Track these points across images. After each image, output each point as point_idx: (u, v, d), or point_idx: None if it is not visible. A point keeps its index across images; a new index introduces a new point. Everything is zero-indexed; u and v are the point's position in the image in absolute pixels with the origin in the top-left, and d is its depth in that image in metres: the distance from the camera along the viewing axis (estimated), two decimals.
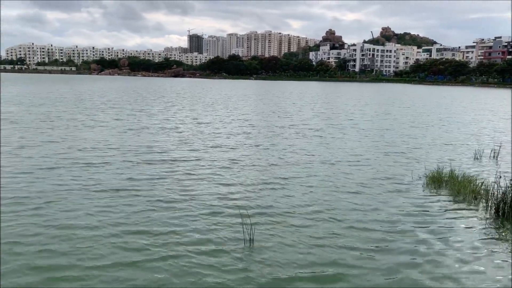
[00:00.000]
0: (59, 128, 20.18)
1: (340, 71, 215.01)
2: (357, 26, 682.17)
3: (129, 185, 10.45)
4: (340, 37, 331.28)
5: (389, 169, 13.22)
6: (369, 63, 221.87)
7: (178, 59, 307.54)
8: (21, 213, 8.29)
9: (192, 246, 7.08)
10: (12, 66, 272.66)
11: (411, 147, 17.66)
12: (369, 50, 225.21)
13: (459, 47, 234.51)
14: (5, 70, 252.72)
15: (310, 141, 18.29)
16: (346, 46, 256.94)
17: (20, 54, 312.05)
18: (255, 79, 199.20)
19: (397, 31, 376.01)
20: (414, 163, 14.19)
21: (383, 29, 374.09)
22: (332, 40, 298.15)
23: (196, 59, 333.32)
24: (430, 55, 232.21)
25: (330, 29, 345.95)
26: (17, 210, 8.48)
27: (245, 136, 19.25)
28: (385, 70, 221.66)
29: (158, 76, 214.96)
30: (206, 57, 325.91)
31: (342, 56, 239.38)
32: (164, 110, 31.47)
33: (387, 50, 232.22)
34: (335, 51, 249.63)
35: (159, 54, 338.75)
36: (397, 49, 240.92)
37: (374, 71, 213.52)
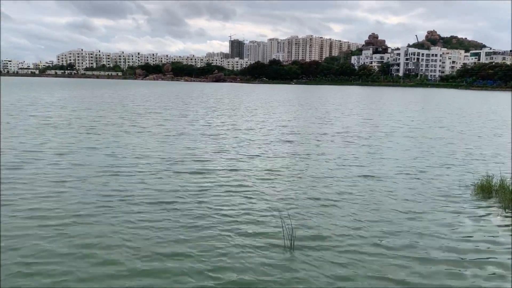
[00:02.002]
0: (99, 133, 20.30)
1: (383, 75, 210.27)
2: (401, 30, 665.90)
3: (165, 196, 10.03)
4: (383, 41, 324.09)
5: (437, 178, 12.55)
6: (413, 67, 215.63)
7: (220, 64, 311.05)
8: (48, 226, 7.99)
9: (231, 258, 6.80)
10: (62, 71, 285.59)
11: (460, 155, 16.69)
12: (414, 54, 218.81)
13: (511, 51, 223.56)
14: (56, 75, 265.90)
15: (356, 150, 17.38)
16: (389, 50, 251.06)
17: (70, 60, 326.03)
18: (296, 83, 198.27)
19: (443, 35, 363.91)
20: (463, 171, 13.59)
21: (429, 32, 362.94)
22: (375, 44, 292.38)
23: (237, 64, 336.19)
24: (479, 59, 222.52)
25: (373, 33, 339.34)
26: (46, 221, 8.20)
27: (286, 145, 18.60)
28: (430, 75, 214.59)
29: (200, 81, 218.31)
30: (247, 62, 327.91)
31: (385, 60, 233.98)
32: (205, 116, 31.38)
33: (432, 54, 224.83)
34: (378, 55, 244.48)
35: (201, 60, 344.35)
36: (443, 53, 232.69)
37: (419, 76, 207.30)
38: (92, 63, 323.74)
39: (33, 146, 16.29)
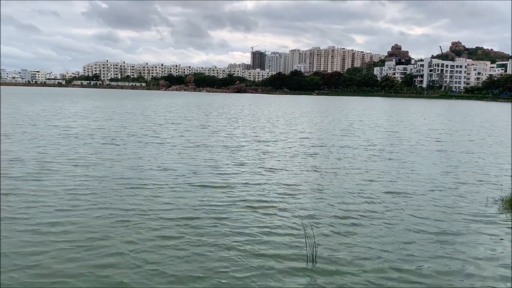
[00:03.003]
0: (118, 144, 20.25)
1: (406, 87, 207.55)
2: (424, 41, 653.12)
3: (183, 211, 9.72)
4: (407, 52, 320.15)
5: (465, 194, 12.03)
6: (437, 78, 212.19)
7: (241, 75, 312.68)
8: (60, 241, 7.75)
9: (251, 274, 6.57)
10: (88, 81, 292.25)
11: (489, 169, 16.02)
12: (438, 66, 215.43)
13: None
14: (82, 85, 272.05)
15: (380, 164, 16.79)
16: (413, 61, 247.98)
17: (95, 71, 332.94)
18: (317, 94, 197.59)
19: (468, 46, 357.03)
20: (491, 187, 13.07)
21: (453, 43, 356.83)
22: (398, 55, 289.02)
23: (258, 75, 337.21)
24: (505, 70, 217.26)
25: (396, 44, 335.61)
26: (57, 236, 7.97)
27: (308, 158, 18.12)
28: (455, 86, 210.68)
29: (221, 92, 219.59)
30: (268, 73, 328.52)
31: (408, 72, 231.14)
32: (225, 127, 31.19)
33: (457, 66, 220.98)
34: (401, 67, 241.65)
35: (223, 71, 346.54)
36: (468, 64, 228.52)
37: (443, 87, 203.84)
38: (117, 74, 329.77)
39: (52, 156, 16.28)
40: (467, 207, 10.78)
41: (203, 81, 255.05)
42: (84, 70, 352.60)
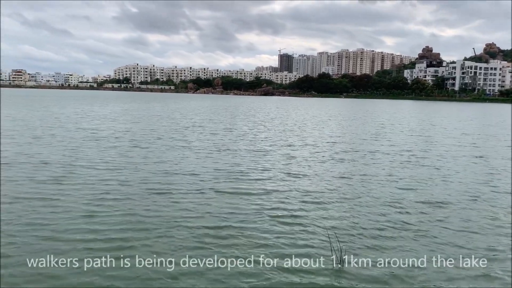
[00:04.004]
0: (143, 147, 20.17)
1: (438, 89, 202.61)
2: (457, 43, 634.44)
3: (205, 219, 9.40)
4: (438, 54, 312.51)
5: (502, 203, 11.08)
6: (470, 81, 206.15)
7: (268, 78, 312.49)
8: (74, 250, 7.53)
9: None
10: (119, 84, 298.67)
11: None
12: (471, 68, 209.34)
13: None
14: (113, 88, 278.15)
15: (413, 171, 16.04)
16: (444, 64, 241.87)
17: (126, 74, 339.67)
18: (345, 97, 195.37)
19: (503, 47, 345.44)
20: None
21: (487, 45, 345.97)
22: (429, 57, 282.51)
23: (285, 78, 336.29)
24: None
25: (427, 46, 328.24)
26: (70, 245, 7.76)
27: (337, 163, 17.52)
28: (489, 89, 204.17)
29: (248, 95, 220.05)
30: (295, 75, 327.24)
31: (440, 74, 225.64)
32: (251, 130, 30.81)
33: (491, 68, 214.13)
34: (432, 69, 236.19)
35: (250, 74, 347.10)
36: (503, 66, 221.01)
37: (476, 90, 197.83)
38: (146, 77, 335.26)
39: (78, 160, 16.29)
40: (507, 220, 10.06)
41: (231, 84, 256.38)
42: (115, 73, 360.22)
